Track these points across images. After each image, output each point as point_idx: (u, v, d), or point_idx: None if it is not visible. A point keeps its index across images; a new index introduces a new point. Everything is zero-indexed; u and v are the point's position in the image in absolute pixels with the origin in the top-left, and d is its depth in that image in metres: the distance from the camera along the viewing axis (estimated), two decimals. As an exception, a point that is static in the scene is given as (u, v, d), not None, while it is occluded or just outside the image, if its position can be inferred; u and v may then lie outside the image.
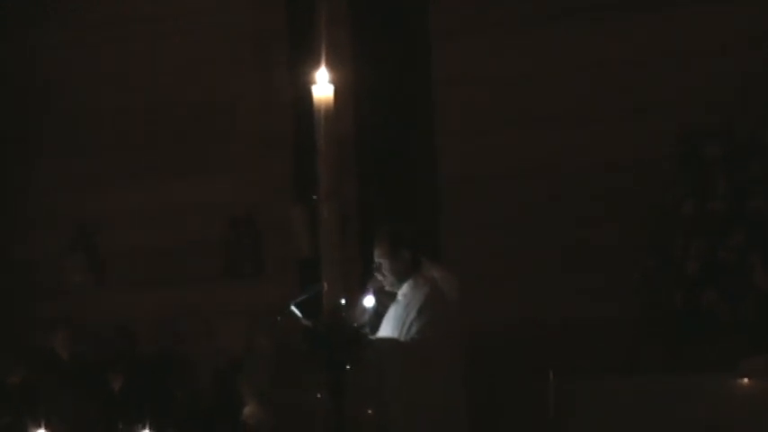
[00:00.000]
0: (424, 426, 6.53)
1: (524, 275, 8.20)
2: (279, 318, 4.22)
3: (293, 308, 4.53)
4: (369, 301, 6.55)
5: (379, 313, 6.67)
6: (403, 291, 6.74)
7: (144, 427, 6.09)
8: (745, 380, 6.81)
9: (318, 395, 4.00)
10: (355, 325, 4.07)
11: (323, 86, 4.05)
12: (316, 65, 4.09)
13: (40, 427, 5.90)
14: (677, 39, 8.06)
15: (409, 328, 6.56)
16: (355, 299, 6.28)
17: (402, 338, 6.56)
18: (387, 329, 6.67)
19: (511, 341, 8.03)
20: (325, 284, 4.01)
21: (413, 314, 6.59)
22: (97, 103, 9.60)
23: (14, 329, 9.13)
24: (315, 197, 4.07)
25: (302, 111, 4.38)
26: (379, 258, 6.71)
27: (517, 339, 8.04)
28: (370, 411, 6.24)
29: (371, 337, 6.43)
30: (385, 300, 6.70)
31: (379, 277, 6.73)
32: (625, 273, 7.75)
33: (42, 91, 9.74)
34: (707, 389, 6.89)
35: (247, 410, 7.50)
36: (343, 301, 3.97)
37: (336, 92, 4.07)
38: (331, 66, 4.09)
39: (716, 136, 7.49)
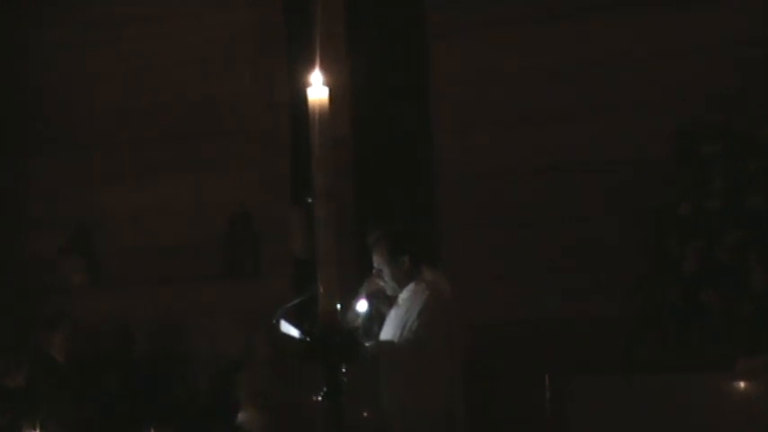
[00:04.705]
0: (424, 427, 6.54)
1: (521, 275, 8.19)
2: (274, 321, 4.22)
3: (282, 322, 4.52)
4: (362, 305, 6.55)
5: (372, 318, 6.68)
6: (403, 295, 6.76)
7: (141, 429, 6.10)
8: (742, 380, 6.81)
9: (315, 397, 3.99)
10: (349, 328, 4.07)
11: (317, 89, 4.04)
12: (311, 66, 4.08)
13: (35, 428, 5.90)
14: (676, 36, 8.05)
15: (409, 330, 6.58)
16: (349, 302, 6.29)
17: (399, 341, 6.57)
18: (388, 333, 6.68)
19: (509, 341, 8.03)
20: (321, 287, 4.00)
21: (413, 317, 6.60)
22: (95, 103, 9.59)
23: (13, 329, 9.11)
24: (309, 199, 4.06)
25: (300, 110, 4.36)
26: (378, 265, 6.72)
27: (515, 339, 8.03)
28: (365, 414, 6.24)
29: (369, 342, 6.44)
30: (380, 304, 6.71)
31: (381, 283, 6.74)
32: (623, 272, 7.75)
33: (41, 90, 9.74)
34: (704, 389, 6.88)
35: (242, 416, 7.49)
36: (338, 306, 3.96)
37: (332, 92, 4.06)
38: (326, 67, 4.08)
39: (713, 134, 7.47)
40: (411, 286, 6.72)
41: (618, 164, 8.04)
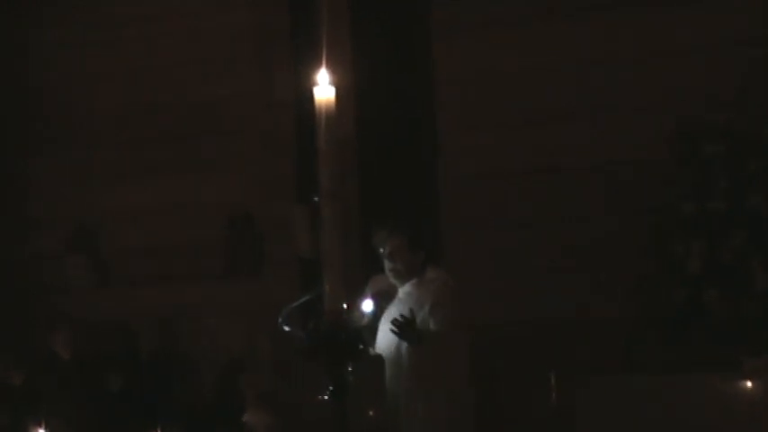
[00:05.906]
0: (440, 419, 6.56)
1: (521, 275, 8.19)
2: (280, 320, 4.22)
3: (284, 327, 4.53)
4: (367, 305, 6.54)
5: (378, 317, 6.68)
6: (406, 290, 6.76)
7: (144, 428, 6.09)
8: (747, 381, 6.81)
9: (321, 397, 3.99)
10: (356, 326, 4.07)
11: (324, 88, 4.04)
12: (317, 65, 4.08)
13: (40, 427, 5.90)
14: (677, 36, 8.05)
15: (423, 323, 6.58)
16: (355, 302, 6.28)
17: None
18: (386, 329, 6.66)
19: (509, 341, 8.03)
20: (327, 286, 4.00)
21: (425, 310, 6.60)
22: (97, 103, 9.59)
23: (15, 329, 9.11)
24: (316, 198, 4.06)
25: (304, 110, 4.36)
26: (393, 249, 6.71)
27: (515, 339, 8.04)
28: (371, 413, 6.24)
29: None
30: (385, 304, 6.70)
31: (389, 266, 6.72)
32: (623, 272, 7.75)
33: (41, 90, 9.73)
34: (707, 389, 6.88)
35: (247, 416, 7.48)
36: (344, 305, 3.96)
37: (337, 92, 4.06)
38: (332, 66, 4.08)
39: (716, 134, 7.48)
40: (415, 281, 6.73)
41: (618, 164, 8.05)
